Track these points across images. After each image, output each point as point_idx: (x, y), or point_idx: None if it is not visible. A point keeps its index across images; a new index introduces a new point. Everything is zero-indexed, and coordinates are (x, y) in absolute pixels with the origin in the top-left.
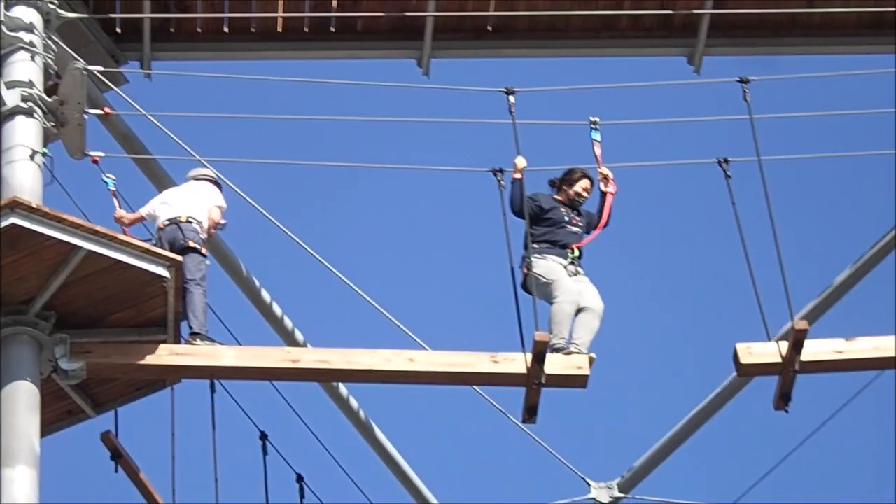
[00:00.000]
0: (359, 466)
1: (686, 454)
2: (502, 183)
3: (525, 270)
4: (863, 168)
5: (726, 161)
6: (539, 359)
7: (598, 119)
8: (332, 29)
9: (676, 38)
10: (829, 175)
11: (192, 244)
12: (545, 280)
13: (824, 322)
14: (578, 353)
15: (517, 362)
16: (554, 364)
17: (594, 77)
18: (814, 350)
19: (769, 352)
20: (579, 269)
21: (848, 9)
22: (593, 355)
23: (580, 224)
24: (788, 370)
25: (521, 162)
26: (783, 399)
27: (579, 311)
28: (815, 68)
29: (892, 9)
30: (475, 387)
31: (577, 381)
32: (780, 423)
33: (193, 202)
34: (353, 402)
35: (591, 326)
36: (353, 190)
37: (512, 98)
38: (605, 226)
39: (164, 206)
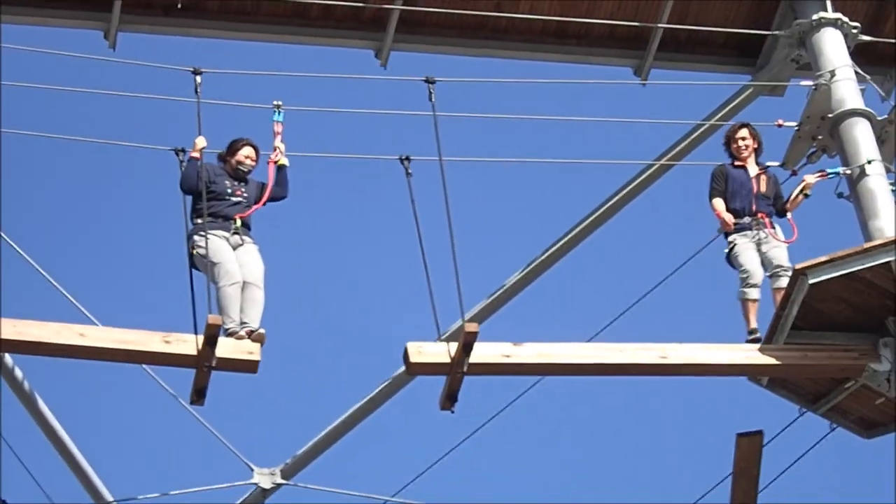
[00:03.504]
0: (21, 440)
1: (350, 445)
2: (183, 163)
3: (191, 249)
4: (540, 174)
5: (408, 159)
6: (211, 342)
7: (281, 103)
8: None
9: (366, 32)
10: (507, 179)
11: None
12: (210, 261)
13: (495, 321)
14: (252, 332)
15: (188, 344)
16: (225, 348)
17: (285, 63)
18: (482, 353)
19: (439, 352)
20: (245, 238)
21: (533, 16)
22: (263, 331)
23: (246, 195)
24: (456, 371)
25: (200, 142)
26: (450, 399)
27: (244, 287)
28: (500, 73)
29: (576, 19)
30: (145, 366)
31: (247, 366)
32: (444, 420)
33: None
34: (18, 373)
35: (256, 300)
36: (31, 159)
37: (199, 78)
38: (281, 198)
39: None
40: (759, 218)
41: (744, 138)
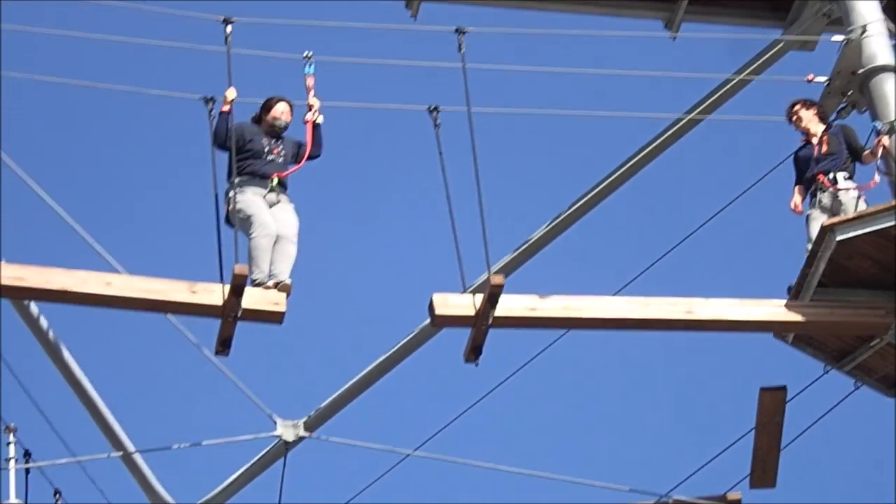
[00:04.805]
0: (45, 390)
1: (374, 397)
2: (213, 113)
3: (228, 206)
4: (568, 127)
5: (437, 109)
6: (237, 292)
7: (311, 54)
8: None
9: None
10: (535, 131)
11: None
12: (244, 214)
13: (521, 274)
14: (279, 283)
15: (214, 293)
16: (251, 298)
17: (315, 14)
18: (508, 306)
19: (464, 304)
20: (281, 197)
21: None
22: (289, 282)
23: (283, 153)
24: (481, 324)
25: (231, 93)
26: (474, 352)
27: (276, 241)
28: (530, 24)
29: None
30: (170, 315)
31: (272, 317)
32: (469, 373)
33: None
34: (43, 322)
35: (287, 253)
36: (59, 108)
37: (229, 27)
38: (316, 157)
39: None
40: (818, 181)
41: (795, 112)
